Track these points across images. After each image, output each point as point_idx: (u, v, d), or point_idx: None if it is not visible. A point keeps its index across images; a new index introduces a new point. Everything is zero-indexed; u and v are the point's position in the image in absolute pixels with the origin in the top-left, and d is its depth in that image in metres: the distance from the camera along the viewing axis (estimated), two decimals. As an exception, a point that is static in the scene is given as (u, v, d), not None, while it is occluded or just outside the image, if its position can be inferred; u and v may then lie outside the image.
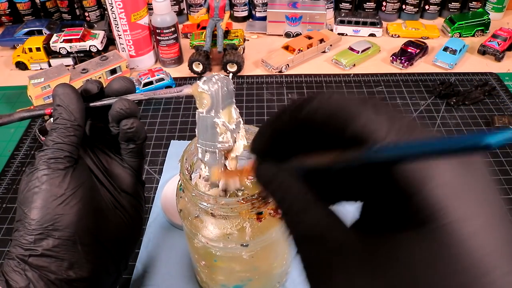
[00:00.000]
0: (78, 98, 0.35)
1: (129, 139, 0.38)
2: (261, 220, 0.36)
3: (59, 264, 0.32)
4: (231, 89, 0.34)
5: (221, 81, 0.33)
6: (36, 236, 0.32)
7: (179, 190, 0.39)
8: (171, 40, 0.84)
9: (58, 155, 0.33)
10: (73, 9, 1.03)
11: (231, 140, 0.34)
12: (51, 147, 0.33)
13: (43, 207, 0.32)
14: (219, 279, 0.43)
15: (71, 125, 0.34)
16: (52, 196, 0.32)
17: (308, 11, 0.94)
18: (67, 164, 0.33)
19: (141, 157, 0.41)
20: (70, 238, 0.33)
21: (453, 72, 0.83)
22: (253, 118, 0.72)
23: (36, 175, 0.33)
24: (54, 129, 0.34)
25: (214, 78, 0.33)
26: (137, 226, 0.40)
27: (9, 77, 0.87)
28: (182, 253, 0.50)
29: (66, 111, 0.34)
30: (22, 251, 0.32)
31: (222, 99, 0.33)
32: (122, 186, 0.39)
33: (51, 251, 0.32)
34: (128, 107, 0.36)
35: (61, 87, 0.35)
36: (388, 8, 1.01)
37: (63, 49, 0.86)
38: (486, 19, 0.94)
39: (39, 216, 0.32)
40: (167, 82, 0.78)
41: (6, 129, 0.74)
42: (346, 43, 0.91)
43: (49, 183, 0.32)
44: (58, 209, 0.32)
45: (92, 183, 0.36)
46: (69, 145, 0.34)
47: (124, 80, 0.37)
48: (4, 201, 0.59)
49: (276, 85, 0.81)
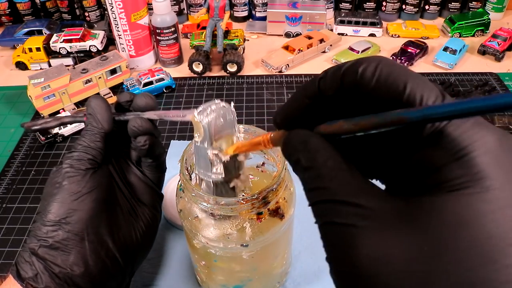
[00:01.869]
0: (107, 109, 0.38)
1: (144, 154, 0.41)
2: (261, 220, 0.36)
3: (65, 257, 0.34)
4: (230, 119, 0.33)
5: (217, 112, 0.32)
6: (49, 228, 0.34)
7: (179, 190, 0.39)
8: (171, 40, 0.84)
9: (82, 157, 0.36)
10: (73, 9, 1.03)
11: (223, 172, 0.33)
12: (78, 149, 0.37)
13: (60, 201, 0.35)
14: (219, 279, 0.43)
15: (98, 132, 0.38)
16: (70, 192, 0.35)
17: (308, 11, 0.94)
18: (89, 166, 0.36)
19: (160, 171, 0.44)
20: (79, 234, 0.35)
21: (453, 72, 0.83)
22: (253, 118, 0.72)
23: (60, 173, 0.36)
24: (83, 134, 0.38)
25: (209, 108, 0.32)
26: (149, 236, 0.41)
27: (9, 77, 0.87)
28: (182, 253, 0.50)
29: (95, 120, 0.38)
30: (35, 241, 0.34)
31: (215, 131, 0.32)
32: (140, 197, 0.41)
33: (60, 243, 0.34)
34: (141, 125, 0.38)
35: (94, 98, 0.39)
36: (388, 8, 1.01)
37: (63, 49, 0.86)
38: (486, 19, 0.94)
39: (55, 209, 0.34)
40: (167, 82, 0.78)
41: (6, 129, 0.74)
42: (346, 43, 0.91)
43: (70, 181, 0.35)
44: (72, 204, 0.35)
45: (111, 188, 0.39)
46: (94, 149, 0.37)
47: (147, 98, 0.40)
48: (4, 201, 0.59)
49: (276, 85, 0.81)
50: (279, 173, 0.35)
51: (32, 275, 0.33)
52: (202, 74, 0.84)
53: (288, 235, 0.42)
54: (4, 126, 0.74)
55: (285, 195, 0.38)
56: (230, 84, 0.82)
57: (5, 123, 0.75)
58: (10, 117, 0.77)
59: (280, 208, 0.37)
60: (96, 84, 0.77)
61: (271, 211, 0.37)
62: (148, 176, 0.42)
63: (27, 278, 0.33)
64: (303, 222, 0.53)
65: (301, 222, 0.52)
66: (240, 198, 0.34)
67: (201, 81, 0.83)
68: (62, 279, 0.33)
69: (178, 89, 0.81)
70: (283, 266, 0.45)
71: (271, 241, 0.37)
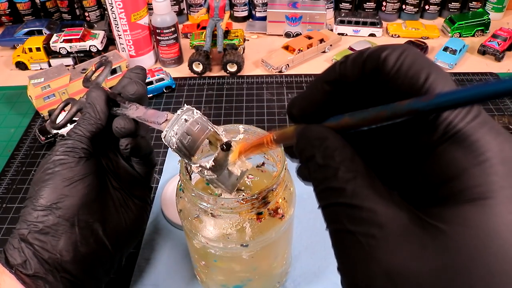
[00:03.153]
0: (106, 101, 0.38)
1: (128, 155, 0.40)
2: (261, 220, 0.36)
3: (55, 243, 0.34)
4: (200, 128, 0.32)
5: (179, 132, 0.31)
6: (40, 213, 0.34)
7: (179, 190, 0.39)
8: (171, 40, 0.84)
9: (76, 146, 0.36)
10: (73, 9, 1.03)
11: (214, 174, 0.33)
12: (72, 137, 0.37)
13: (52, 187, 0.35)
14: (219, 279, 0.43)
15: (94, 122, 0.37)
16: (62, 178, 0.35)
17: (308, 11, 0.94)
18: (82, 155, 0.36)
19: (149, 167, 0.44)
20: (69, 219, 0.34)
21: (453, 72, 0.83)
22: (253, 118, 0.72)
23: (53, 159, 0.36)
24: (79, 123, 0.38)
25: (172, 131, 0.32)
26: (139, 226, 0.42)
27: (9, 77, 0.87)
28: (182, 253, 0.50)
29: (93, 110, 0.38)
30: (25, 226, 0.34)
31: (188, 149, 0.32)
32: (129, 188, 0.42)
33: (50, 228, 0.34)
34: (124, 126, 0.37)
35: (95, 89, 0.39)
36: (388, 8, 1.01)
37: (63, 49, 0.86)
38: (486, 19, 0.94)
39: (47, 194, 0.34)
40: (167, 82, 0.78)
41: (6, 129, 0.74)
42: (346, 43, 0.91)
43: (62, 167, 0.35)
44: (64, 190, 0.35)
45: (103, 177, 0.39)
46: (88, 138, 0.37)
47: (137, 84, 0.39)
48: (4, 201, 0.59)
49: (276, 85, 0.81)
50: (279, 173, 0.35)
51: (21, 262, 0.33)
52: (202, 74, 0.84)
53: (288, 235, 0.42)
54: (4, 126, 0.74)
55: (285, 195, 0.38)
56: (230, 84, 0.82)
57: (5, 123, 0.75)
58: (10, 117, 0.77)
59: (280, 208, 0.37)
60: (96, 84, 0.77)
61: (271, 211, 0.37)
62: (137, 171, 0.43)
63: (15, 265, 0.33)
64: (303, 222, 0.53)
65: (301, 222, 0.52)
66: (240, 198, 0.34)
67: (201, 81, 0.83)
68: (51, 265, 0.33)
69: (178, 89, 0.81)
70: (283, 266, 0.45)
71: (271, 241, 0.37)
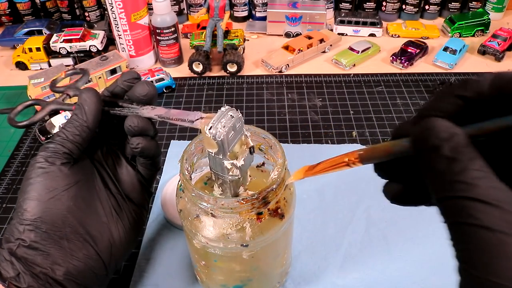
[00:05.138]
0: (97, 103, 0.36)
1: (137, 155, 0.39)
2: (261, 220, 0.36)
3: (45, 257, 0.32)
4: (240, 127, 0.34)
5: (227, 126, 0.32)
6: (26, 227, 0.32)
7: (179, 190, 0.39)
8: (171, 40, 0.84)
9: (58, 150, 0.34)
10: (73, 9, 1.03)
11: (239, 174, 0.35)
12: (55, 141, 0.35)
13: (36, 199, 0.33)
14: (219, 279, 0.43)
15: (80, 125, 0.36)
16: (45, 189, 0.33)
17: (308, 11, 0.94)
18: (64, 161, 0.34)
19: (154, 170, 0.42)
20: (57, 233, 0.33)
21: (453, 72, 0.83)
22: (253, 118, 0.72)
23: (34, 167, 0.34)
24: (65, 125, 0.36)
25: (220, 124, 0.32)
26: (134, 233, 0.40)
27: (9, 77, 0.87)
28: (182, 253, 0.50)
29: (81, 111, 0.36)
30: (13, 240, 0.32)
31: (229, 144, 0.33)
32: (128, 193, 0.40)
33: (38, 243, 0.32)
34: (137, 124, 0.36)
35: (86, 90, 0.37)
36: (388, 8, 1.01)
37: (63, 49, 0.86)
38: (486, 19, 0.94)
39: (31, 208, 0.33)
40: (167, 82, 0.78)
41: (6, 129, 0.74)
42: (346, 43, 0.91)
43: (44, 176, 0.33)
44: (49, 203, 0.33)
45: (91, 184, 0.37)
46: (71, 143, 0.35)
47: (148, 85, 0.38)
48: (4, 201, 0.59)
49: (276, 85, 0.81)
50: (279, 173, 0.35)
51: (14, 275, 0.32)
52: (202, 74, 0.84)
53: (288, 235, 0.42)
54: (4, 126, 0.74)
55: (285, 195, 0.38)
56: (230, 84, 0.82)
57: (5, 123, 0.75)
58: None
59: (280, 208, 0.37)
60: (96, 84, 0.77)
61: (271, 211, 0.37)
62: (140, 172, 0.41)
63: (9, 278, 0.31)
64: (303, 222, 0.53)
65: (301, 222, 0.52)
66: (240, 198, 0.34)
67: (201, 81, 0.83)
68: (43, 279, 0.32)
69: (178, 89, 0.81)
70: (283, 266, 0.45)
71: (271, 241, 0.37)
